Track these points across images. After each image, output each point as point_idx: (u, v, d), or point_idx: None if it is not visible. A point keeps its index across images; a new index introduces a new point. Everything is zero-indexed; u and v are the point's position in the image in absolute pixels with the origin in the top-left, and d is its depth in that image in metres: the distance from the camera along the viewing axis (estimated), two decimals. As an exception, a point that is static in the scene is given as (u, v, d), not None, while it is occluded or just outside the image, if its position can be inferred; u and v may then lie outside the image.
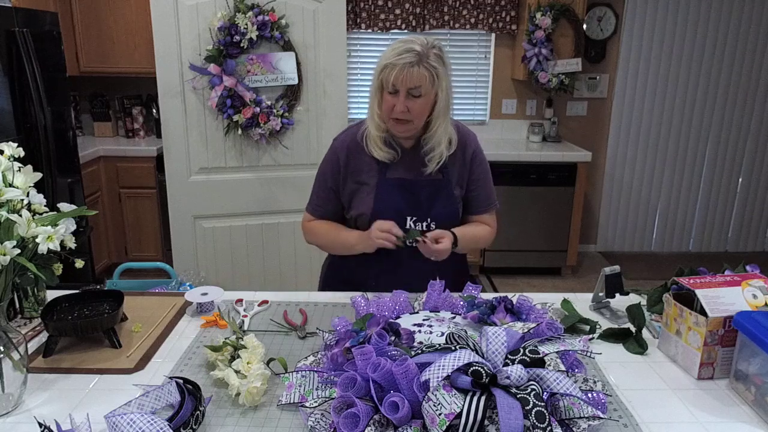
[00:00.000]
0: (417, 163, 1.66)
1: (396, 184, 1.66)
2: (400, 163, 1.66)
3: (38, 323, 1.41)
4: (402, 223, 1.63)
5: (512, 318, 1.32)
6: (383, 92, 1.57)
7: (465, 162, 1.71)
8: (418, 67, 1.50)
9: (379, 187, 1.65)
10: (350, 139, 1.70)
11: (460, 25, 4.23)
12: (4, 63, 2.70)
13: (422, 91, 1.52)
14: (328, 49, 2.85)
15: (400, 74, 1.50)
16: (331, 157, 1.71)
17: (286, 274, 3.10)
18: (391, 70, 1.52)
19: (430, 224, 1.66)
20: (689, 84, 4.46)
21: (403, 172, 1.66)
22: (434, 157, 1.63)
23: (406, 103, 1.53)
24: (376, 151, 1.63)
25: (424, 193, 1.66)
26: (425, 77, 1.51)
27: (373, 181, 1.66)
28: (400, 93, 1.53)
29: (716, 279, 1.25)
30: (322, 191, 1.75)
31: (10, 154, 1.16)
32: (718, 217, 4.77)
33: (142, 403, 1.03)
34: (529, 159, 3.98)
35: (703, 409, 1.12)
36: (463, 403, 0.93)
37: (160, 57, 2.67)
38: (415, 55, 1.50)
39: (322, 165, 1.74)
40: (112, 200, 3.91)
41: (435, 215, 1.67)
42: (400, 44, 1.53)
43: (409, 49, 1.51)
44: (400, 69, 1.50)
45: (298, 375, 1.16)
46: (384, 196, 1.65)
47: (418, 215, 1.66)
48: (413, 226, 1.66)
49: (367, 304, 1.43)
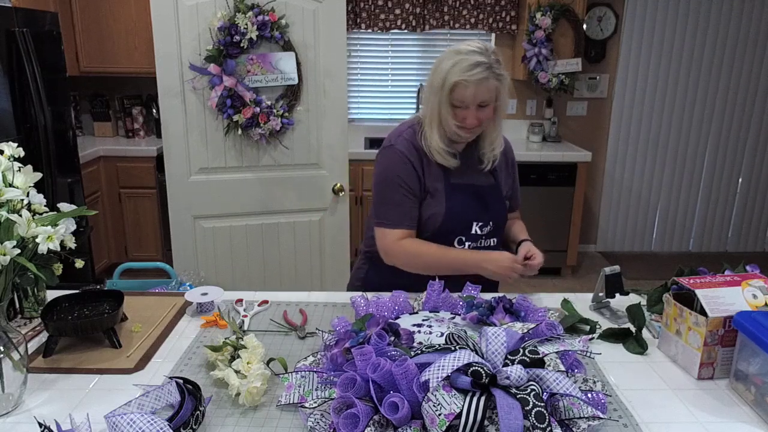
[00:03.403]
0: (474, 167, 1.66)
1: (464, 189, 1.64)
2: (460, 168, 1.64)
3: (38, 323, 1.41)
4: (468, 227, 1.64)
5: (511, 318, 1.32)
6: (452, 106, 1.53)
7: (507, 165, 1.74)
8: (490, 80, 1.48)
9: (448, 192, 1.62)
10: (412, 145, 1.62)
11: (460, 25, 4.23)
12: (4, 63, 2.70)
13: (491, 101, 1.52)
14: (328, 49, 2.85)
15: (477, 90, 1.48)
16: (404, 163, 1.60)
17: (286, 274, 3.10)
18: (464, 88, 1.48)
19: (491, 229, 1.67)
20: (689, 84, 4.46)
21: (466, 177, 1.65)
22: (489, 158, 1.64)
23: (477, 114, 1.52)
24: (441, 159, 1.60)
25: (486, 197, 1.66)
26: (495, 88, 1.50)
27: (441, 186, 1.63)
28: (470, 107, 1.51)
29: (716, 279, 1.25)
30: (403, 202, 1.60)
31: (10, 154, 1.16)
32: (718, 217, 4.77)
33: (142, 403, 1.03)
34: (529, 159, 3.98)
35: (703, 409, 1.12)
36: (462, 404, 0.93)
37: (160, 57, 2.67)
38: (486, 69, 1.47)
39: (392, 173, 1.60)
40: (112, 200, 3.91)
41: (494, 218, 1.67)
42: (464, 57, 1.48)
43: (478, 63, 1.46)
44: (474, 86, 1.47)
45: (298, 375, 1.16)
46: (455, 200, 1.62)
47: (483, 221, 1.65)
48: (479, 231, 1.66)
49: (367, 305, 1.43)
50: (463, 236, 1.65)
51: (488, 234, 1.68)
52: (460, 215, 1.63)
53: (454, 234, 1.64)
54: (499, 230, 1.71)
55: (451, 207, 1.62)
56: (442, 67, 1.51)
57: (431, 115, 1.58)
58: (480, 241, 1.68)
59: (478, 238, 1.67)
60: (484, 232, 1.67)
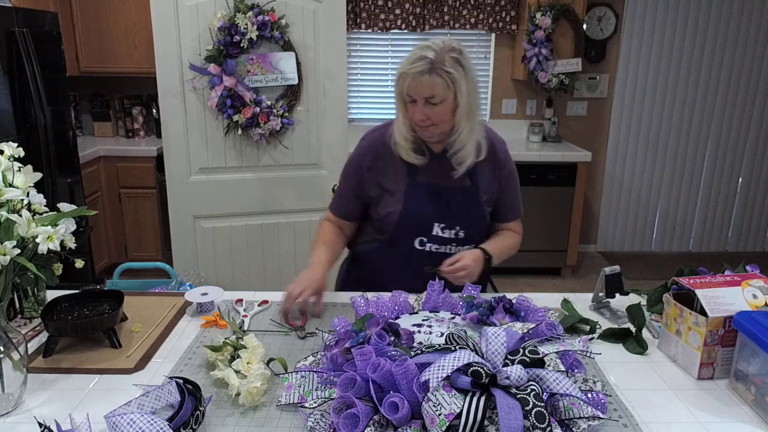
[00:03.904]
0: (446, 168, 1.63)
1: (425, 188, 1.62)
2: (429, 168, 1.63)
3: (38, 323, 1.41)
4: (428, 228, 1.62)
5: (511, 318, 1.32)
6: (404, 101, 1.55)
7: (494, 170, 1.68)
8: (430, 75, 1.46)
9: (408, 191, 1.62)
10: (379, 141, 1.66)
11: (460, 25, 4.23)
12: (4, 63, 2.70)
13: (439, 98, 1.49)
14: (328, 49, 2.85)
15: (413, 83, 1.48)
16: (357, 159, 1.69)
17: (286, 274, 3.09)
18: (404, 80, 1.50)
19: (459, 232, 1.64)
20: (689, 84, 4.46)
21: (433, 176, 1.63)
22: (461, 161, 1.59)
23: (424, 110, 1.51)
24: (405, 156, 1.61)
25: (453, 200, 1.63)
26: (438, 84, 1.47)
27: (401, 186, 1.63)
28: (417, 101, 1.51)
29: (716, 279, 1.25)
30: (344, 192, 1.72)
31: (10, 154, 1.16)
32: (718, 217, 4.77)
33: (142, 403, 1.03)
34: (529, 159, 3.98)
35: (703, 409, 1.12)
36: (462, 404, 0.93)
37: (160, 57, 2.67)
38: (428, 63, 1.46)
39: (347, 165, 1.72)
40: (112, 200, 3.91)
41: (463, 223, 1.64)
42: (416, 51, 1.50)
43: (422, 56, 1.47)
44: (412, 78, 1.48)
45: (298, 375, 1.16)
46: (413, 199, 1.62)
47: (446, 222, 1.63)
48: (441, 233, 1.63)
49: (367, 305, 1.43)
50: (425, 237, 1.63)
51: (460, 240, 1.64)
52: (418, 215, 1.61)
53: (414, 234, 1.63)
54: (476, 236, 1.67)
55: (408, 206, 1.61)
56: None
57: (397, 110, 1.60)
58: (450, 246, 1.64)
59: (444, 241, 1.63)
60: (450, 235, 1.63)
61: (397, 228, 1.63)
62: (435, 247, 1.64)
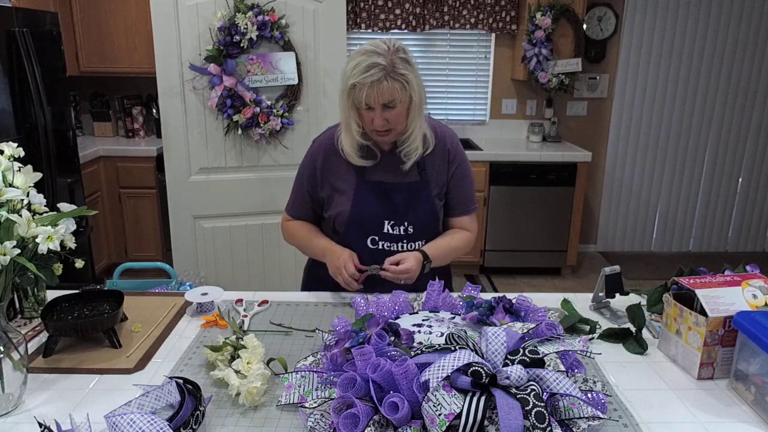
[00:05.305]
0: (395, 165, 1.62)
1: (374, 187, 1.62)
2: (378, 166, 1.62)
3: (38, 323, 1.40)
4: (379, 226, 1.62)
5: (511, 318, 1.32)
6: (358, 109, 1.52)
7: (443, 161, 1.66)
8: (387, 81, 1.44)
9: (357, 191, 1.62)
10: (328, 142, 1.65)
11: (460, 25, 4.23)
12: (4, 63, 2.71)
13: (398, 102, 1.48)
14: (328, 49, 2.85)
15: (371, 92, 1.45)
16: (308, 161, 1.69)
17: (286, 274, 3.09)
18: (360, 90, 1.45)
19: (408, 228, 1.63)
20: (689, 84, 4.46)
21: (382, 174, 1.63)
22: (410, 155, 1.59)
23: (384, 116, 1.49)
24: (354, 161, 1.60)
25: (402, 197, 1.62)
26: (397, 89, 1.46)
27: (350, 186, 1.62)
28: (376, 109, 1.48)
29: (716, 279, 1.25)
30: (299, 193, 1.73)
31: (10, 154, 1.16)
32: (718, 217, 4.77)
33: (142, 403, 1.03)
34: (529, 159, 3.99)
35: (703, 409, 1.12)
36: (462, 404, 0.93)
37: (160, 57, 2.67)
38: (381, 70, 1.43)
39: (300, 167, 1.72)
40: (112, 200, 3.91)
41: (412, 219, 1.63)
42: (363, 58, 1.45)
43: (373, 64, 1.43)
44: (369, 87, 1.44)
45: (298, 375, 1.16)
46: (361, 199, 1.61)
47: (395, 219, 1.62)
48: (391, 231, 1.63)
49: (367, 305, 1.43)
50: (377, 236, 1.63)
51: (410, 236, 1.63)
52: (367, 214, 1.61)
53: (365, 233, 1.63)
54: (427, 231, 1.66)
55: (357, 205, 1.61)
56: (346, 69, 1.50)
57: (343, 117, 1.56)
58: (401, 243, 1.63)
59: (395, 239, 1.63)
60: (400, 232, 1.62)
61: (348, 228, 1.63)
62: (387, 245, 1.63)
